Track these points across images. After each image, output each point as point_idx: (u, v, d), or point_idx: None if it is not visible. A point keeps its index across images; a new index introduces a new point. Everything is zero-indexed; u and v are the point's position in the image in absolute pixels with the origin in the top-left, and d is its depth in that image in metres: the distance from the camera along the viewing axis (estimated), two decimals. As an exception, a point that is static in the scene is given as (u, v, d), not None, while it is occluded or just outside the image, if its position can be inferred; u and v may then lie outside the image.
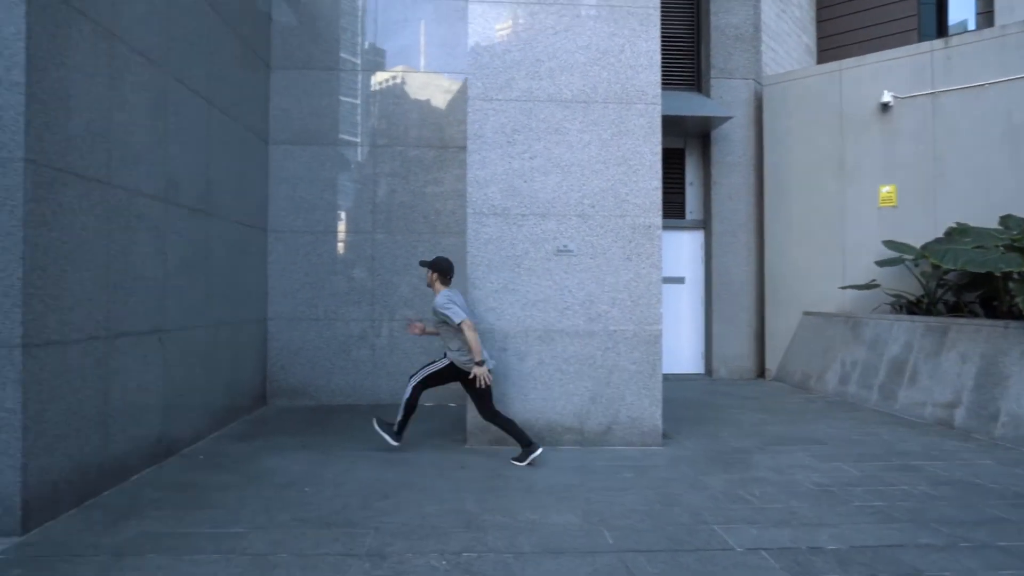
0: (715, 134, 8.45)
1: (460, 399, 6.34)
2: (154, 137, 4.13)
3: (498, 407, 4.67)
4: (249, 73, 5.83)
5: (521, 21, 4.79)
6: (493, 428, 4.70)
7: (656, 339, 4.78)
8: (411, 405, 4.49)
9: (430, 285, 4.50)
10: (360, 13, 6.57)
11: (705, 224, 8.66)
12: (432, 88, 6.60)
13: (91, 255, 3.48)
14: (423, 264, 4.57)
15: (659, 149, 4.80)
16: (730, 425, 5.54)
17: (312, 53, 6.46)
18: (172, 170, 4.36)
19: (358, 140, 6.50)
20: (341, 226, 6.45)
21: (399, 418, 4.50)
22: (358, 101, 6.52)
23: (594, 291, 4.77)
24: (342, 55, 6.56)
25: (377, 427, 4.52)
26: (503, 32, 4.77)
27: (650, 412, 4.79)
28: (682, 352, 8.62)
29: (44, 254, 3.13)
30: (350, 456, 4.45)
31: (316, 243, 6.38)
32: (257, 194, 6.08)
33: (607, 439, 4.77)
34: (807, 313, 7.89)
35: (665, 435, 5.01)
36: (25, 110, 2.98)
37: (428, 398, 6.39)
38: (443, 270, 4.45)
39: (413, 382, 4.50)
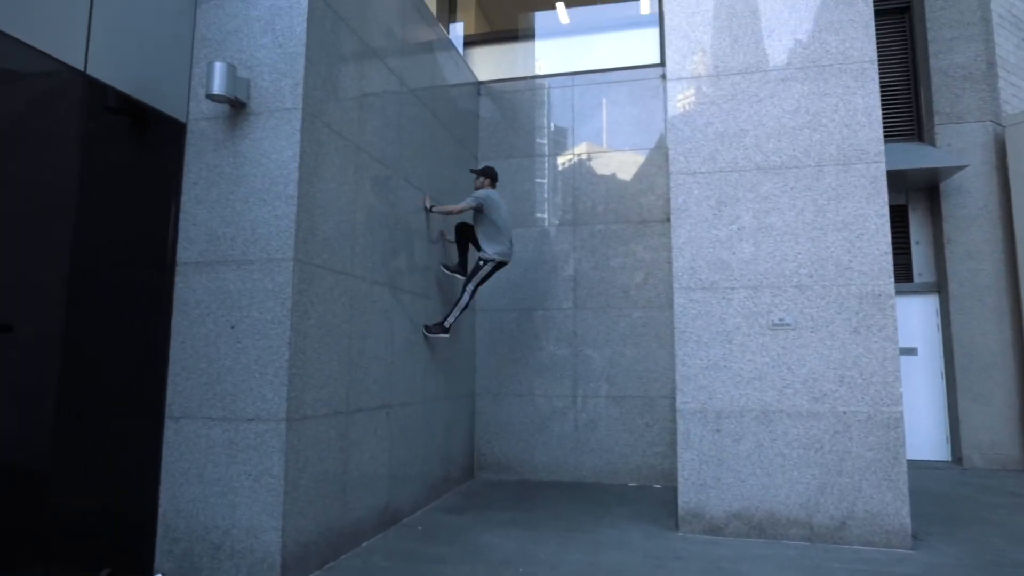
0: (944, 186, 7.52)
1: (667, 480, 6.06)
2: (386, 231, 4.66)
3: (710, 491, 4.41)
4: (461, 166, 6.41)
5: (721, 92, 4.74)
6: (707, 515, 4.40)
7: (896, 423, 4.20)
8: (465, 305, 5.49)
9: (479, 188, 5.57)
10: (554, 103, 6.98)
11: (939, 287, 7.60)
12: (626, 165, 6.71)
13: (337, 338, 3.95)
14: (473, 171, 5.74)
15: (886, 211, 4.36)
16: (1001, 528, 4.61)
17: (514, 143, 6.95)
18: (399, 259, 4.86)
19: (557, 220, 6.77)
20: (543, 303, 6.66)
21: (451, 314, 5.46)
22: (556, 183, 6.84)
23: (817, 367, 4.35)
24: (539, 142, 6.97)
25: (427, 333, 5.33)
26: (703, 105, 4.75)
27: (894, 507, 4.16)
28: (920, 435, 7.47)
29: (304, 339, 3.61)
30: (559, 536, 4.40)
31: (520, 320, 6.65)
32: (466, 276, 6.54)
33: (841, 536, 4.21)
34: (1092, 391, 6.46)
35: (915, 536, 4.30)
36: (296, 218, 3.54)
37: (632, 478, 6.20)
38: (491, 176, 5.62)
39: (471, 287, 5.44)
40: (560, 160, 6.89)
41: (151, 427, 3.60)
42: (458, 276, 5.74)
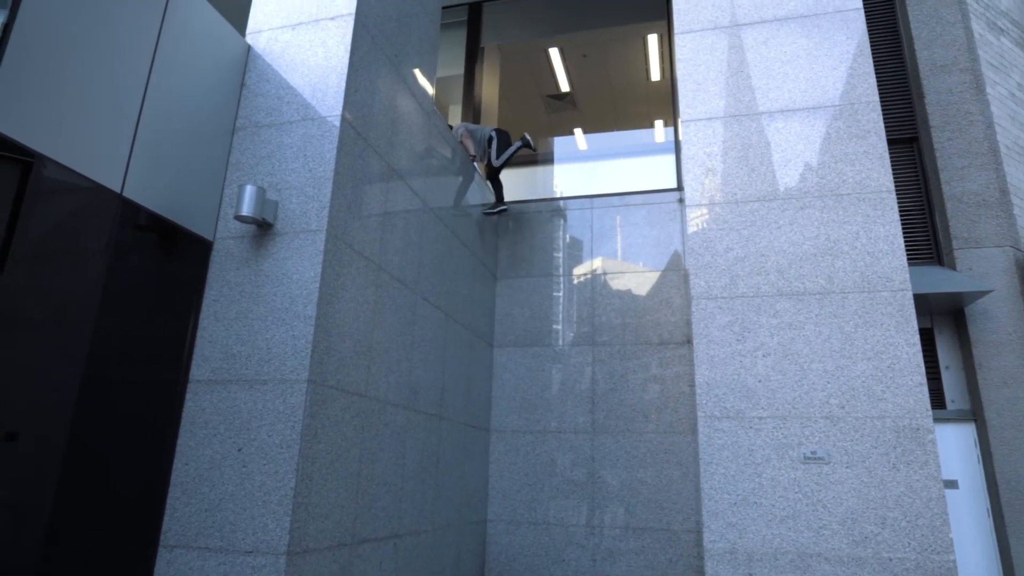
0: (970, 310, 7.38)
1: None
2: (403, 351, 4.59)
3: (748, 649, 4.00)
4: (479, 284, 6.45)
5: (740, 218, 4.78)
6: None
7: (950, 573, 3.84)
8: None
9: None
10: (573, 223, 7.12)
11: (975, 415, 7.27)
12: (644, 284, 6.72)
13: (347, 463, 3.78)
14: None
15: (916, 340, 4.24)
16: None
17: (532, 261, 7.03)
18: (415, 379, 4.76)
19: (576, 340, 6.69)
20: (559, 424, 6.45)
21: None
22: (574, 302, 6.83)
23: (855, 507, 4.06)
24: (557, 260, 7.04)
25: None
26: (722, 231, 4.79)
27: (954, 673, 3.72)
28: (970, 578, 6.86)
29: (312, 464, 3.45)
30: None
31: (536, 442, 6.41)
32: (482, 395, 6.39)
33: None
34: None
35: None
36: (313, 339, 3.49)
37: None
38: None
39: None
40: (578, 279, 6.93)
41: (144, 555, 3.38)
42: (502, 208, 6.77)
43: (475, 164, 6.64)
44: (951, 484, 7.19)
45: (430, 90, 5.48)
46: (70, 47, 3.01)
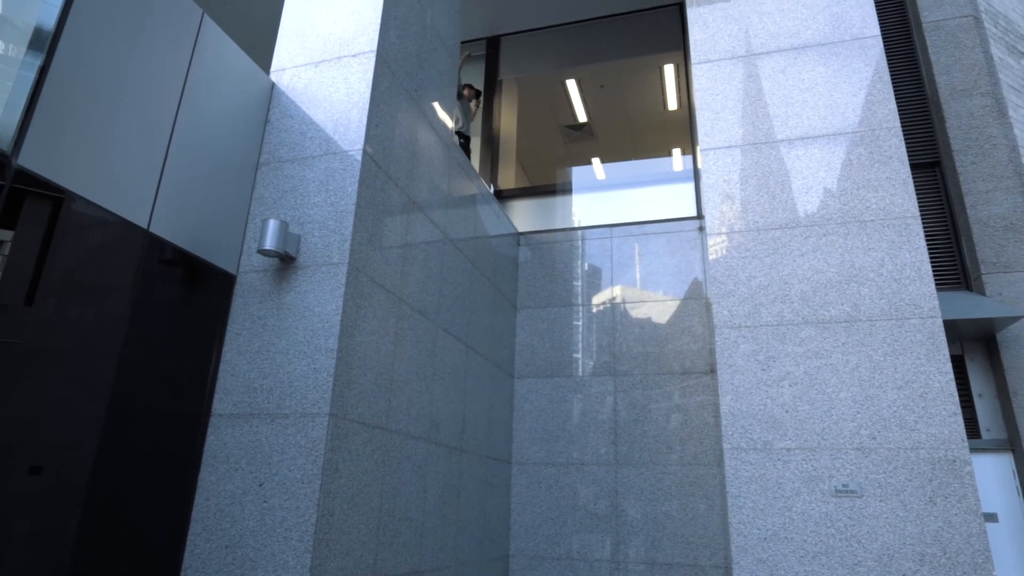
0: (1002, 337, 7.20)
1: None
2: (424, 384, 4.57)
3: None
4: (499, 315, 6.43)
5: (762, 246, 4.74)
6: None
7: (993, 613, 3.67)
8: None
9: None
10: (593, 253, 7.11)
11: (1012, 444, 7.03)
12: (665, 313, 6.65)
13: (367, 498, 3.74)
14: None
15: (948, 367, 4.13)
16: None
17: (552, 291, 7.01)
18: (435, 411, 4.73)
19: (597, 370, 6.63)
20: (581, 457, 6.35)
21: None
22: (594, 332, 6.78)
23: (891, 543, 3.92)
24: (578, 290, 7.01)
25: None
26: (744, 259, 4.74)
27: None
28: (1014, 618, 6.55)
29: (333, 499, 3.41)
30: None
31: (558, 475, 6.31)
32: (503, 427, 6.32)
33: None
34: None
35: None
36: (334, 372, 3.49)
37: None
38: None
39: None
40: (598, 308, 6.88)
41: (164, 593, 3.35)
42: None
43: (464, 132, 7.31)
44: (990, 517, 6.92)
45: (449, 123, 5.55)
46: (102, 87, 3.10)
